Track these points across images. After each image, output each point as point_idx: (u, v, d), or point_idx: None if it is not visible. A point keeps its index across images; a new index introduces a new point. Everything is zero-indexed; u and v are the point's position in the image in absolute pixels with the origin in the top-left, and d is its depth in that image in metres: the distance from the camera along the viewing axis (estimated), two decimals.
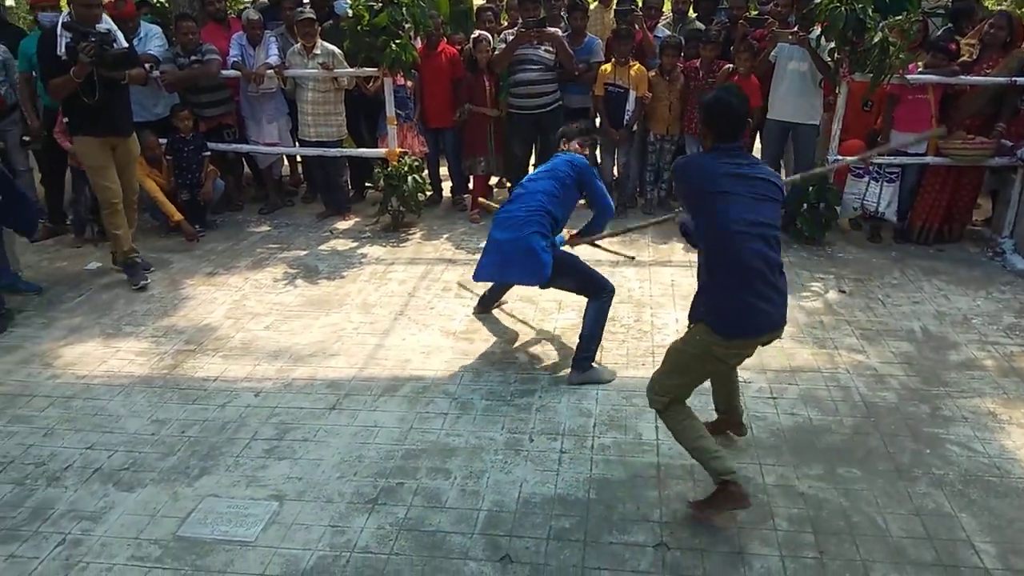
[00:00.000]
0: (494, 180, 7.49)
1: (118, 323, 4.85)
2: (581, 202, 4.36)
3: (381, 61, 6.04)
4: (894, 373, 4.13)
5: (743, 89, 6.01)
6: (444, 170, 7.39)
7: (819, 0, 5.57)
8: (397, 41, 5.95)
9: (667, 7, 7.83)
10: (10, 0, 10.37)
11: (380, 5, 5.88)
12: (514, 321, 4.79)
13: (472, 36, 6.65)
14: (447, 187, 7.41)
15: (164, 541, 2.95)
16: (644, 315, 4.83)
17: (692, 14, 7.41)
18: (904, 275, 5.51)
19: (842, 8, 5.39)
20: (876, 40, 5.42)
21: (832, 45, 5.68)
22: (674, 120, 6.58)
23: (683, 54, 6.56)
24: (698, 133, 6.30)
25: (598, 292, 4.08)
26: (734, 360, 3.01)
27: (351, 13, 6.11)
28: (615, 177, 7.06)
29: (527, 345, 4.49)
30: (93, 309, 5.06)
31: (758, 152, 6.57)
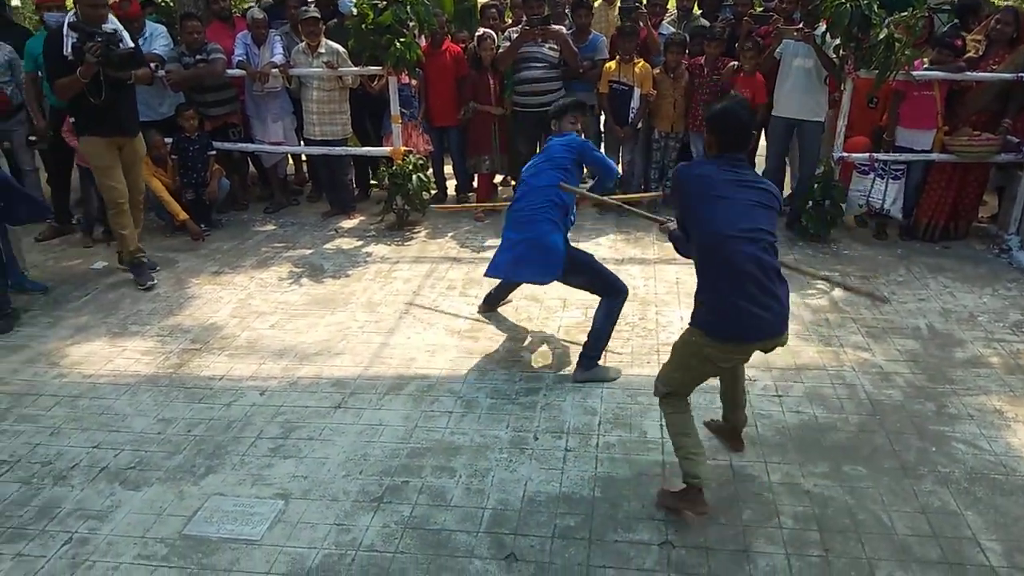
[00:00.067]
0: (499, 178, 7.49)
1: (124, 322, 4.87)
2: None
3: (385, 60, 6.05)
4: (900, 371, 4.12)
5: (748, 86, 6.13)
6: (449, 168, 7.40)
7: None
8: (401, 39, 5.95)
9: (672, 4, 7.82)
10: (16, 0, 10.39)
11: (384, 3, 5.90)
12: (519, 319, 4.79)
13: (476, 34, 6.65)
14: (452, 186, 7.42)
15: (170, 540, 2.96)
16: (649, 313, 4.82)
17: (697, 11, 7.39)
18: (910, 272, 5.49)
19: (847, 4, 5.37)
20: (881, 36, 5.40)
21: (837, 42, 5.66)
22: (679, 117, 6.57)
23: (688, 51, 6.55)
24: (703, 131, 6.32)
25: (611, 293, 4.07)
26: (729, 363, 3.00)
27: (355, 11, 6.13)
28: (620, 175, 7.05)
29: (532, 343, 4.49)
30: (99, 308, 5.08)
31: (763, 148, 6.57)
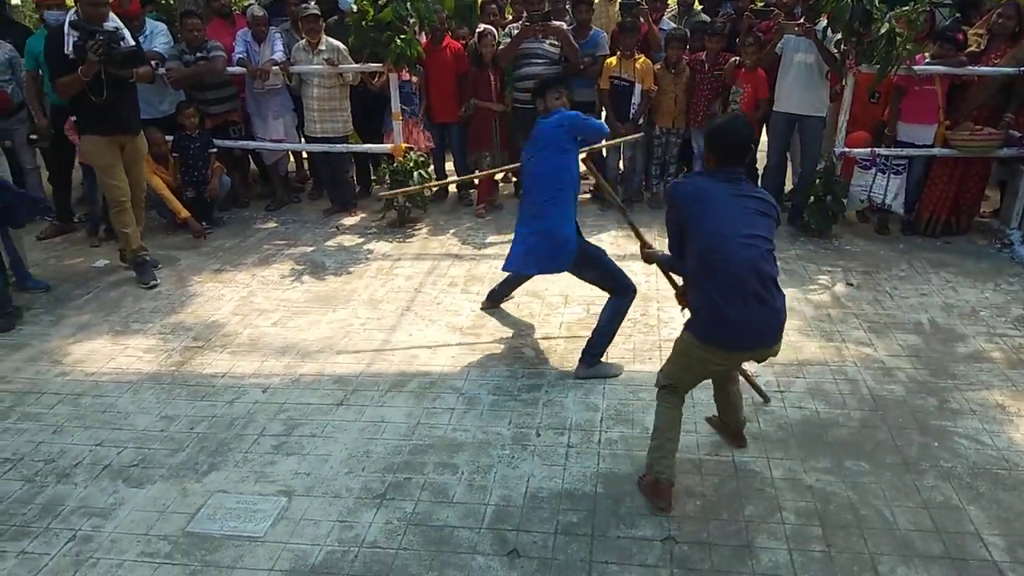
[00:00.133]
0: (499, 175, 7.48)
1: (126, 320, 4.87)
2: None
3: (386, 56, 6.04)
4: (902, 366, 4.11)
5: (750, 81, 6.12)
6: (450, 165, 7.40)
7: None
8: (402, 36, 5.95)
9: (672, 0, 7.80)
10: None
11: (385, 0, 5.88)
12: (521, 316, 4.79)
13: (477, 31, 6.64)
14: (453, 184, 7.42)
15: (173, 537, 2.97)
16: (651, 309, 4.82)
17: (697, 6, 7.39)
18: (912, 267, 5.49)
19: None
20: (883, 31, 5.39)
21: (838, 36, 5.66)
22: (680, 113, 6.56)
23: (689, 47, 6.54)
24: (703, 127, 6.32)
25: (620, 291, 4.07)
26: (717, 367, 2.99)
27: (356, 8, 6.12)
28: (621, 171, 7.06)
29: (534, 340, 4.49)
30: (101, 306, 5.08)
31: (765, 144, 6.56)
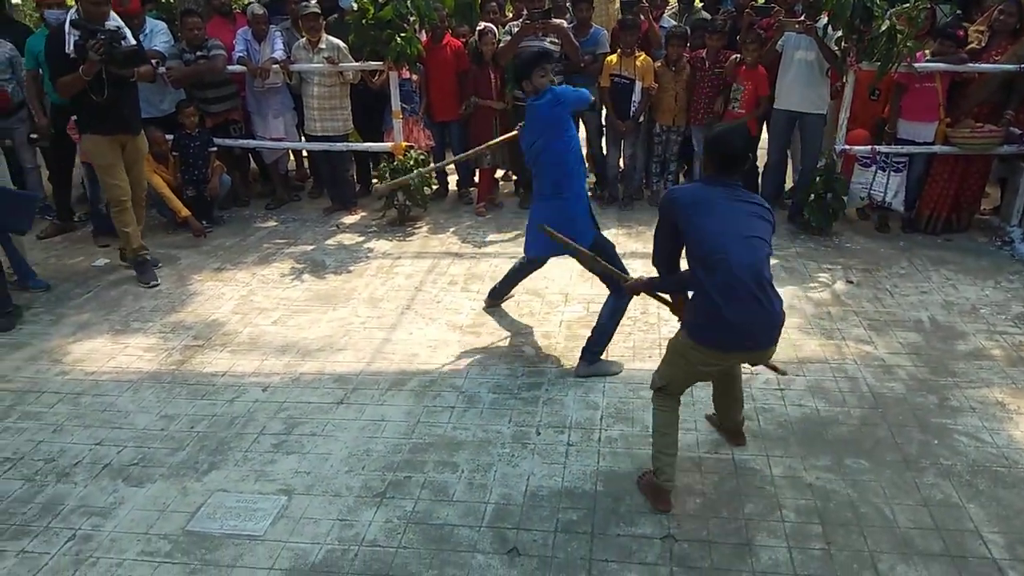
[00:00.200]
0: (500, 173, 7.48)
1: (126, 319, 4.87)
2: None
3: (386, 55, 6.03)
4: (902, 363, 4.11)
5: (751, 78, 6.12)
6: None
7: None
8: (402, 34, 5.94)
9: None
10: None
11: None
12: (520, 314, 4.79)
13: (477, 28, 6.64)
14: (453, 181, 7.42)
15: (173, 536, 2.97)
16: (651, 308, 4.81)
17: (698, 4, 7.39)
18: (912, 265, 5.48)
19: None
20: (883, 28, 5.38)
21: (839, 34, 5.65)
22: (680, 111, 6.55)
23: (689, 44, 6.53)
24: (704, 124, 6.31)
25: (620, 289, 4.06)
26: (709, 368, 2.98)
27: (356, 7, 6.11)
28: (621, 169, 7.05)
29: (534, 338, 4.49)
30: (101, 306, 5.08)
31: (765, 142, 6.55)
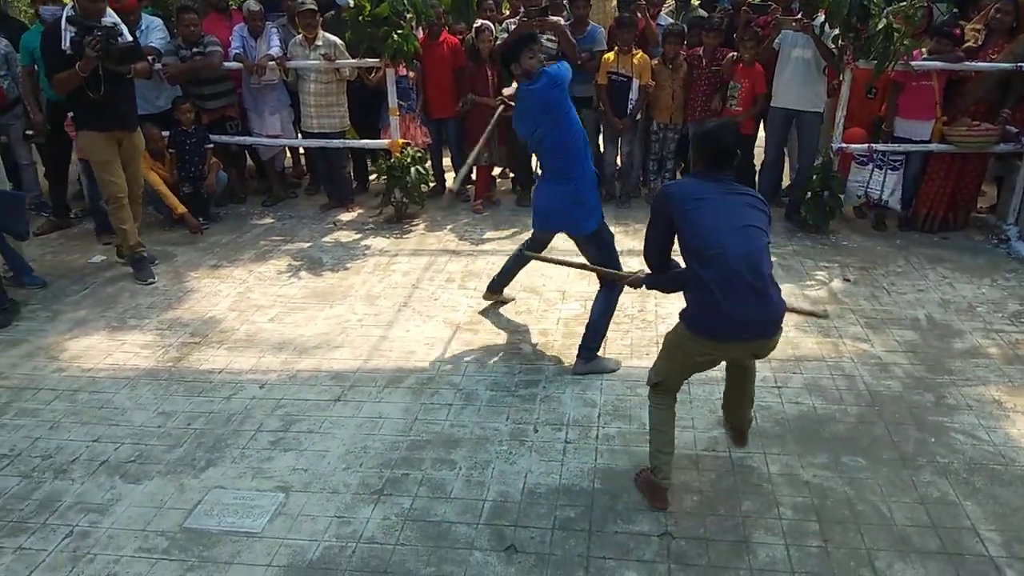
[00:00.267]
0: (497, 171, 7.48)
1: (123, 316, 4.86)
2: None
3: (383, 52, 6.02)
4: (898, 361, 4.12)
5: (747, 76, 6.12)
6: (447, 161, 7.39)
7: None
8: (399, 31, 5.93)
9: None
10: None
11: None
12: (518, 312, 4.79)
13: (474, 26, 6.62)
14: (450, 178, 7.40)
15: (171, 533, 2.97)
16: (648, 305, 4.82)
17: (695, 1, 7.38)
18: (909, 263, 5.50)
19: None
20: (880, 27, 5.38)
21: (836, 32, 5.65)
22: (677, 109, 6.55)
23: (686, 42, 6.53)
24: (699, 119, 6.31)
25: (612, 282, 4.07)
26: (705, 358, 2.97)
27: (353, 3, 6.09)
28: (618, 167, 7.05)
29: (531, 336, 4.49)
30: (98, 302, 5.07)
31: (762, 140, 6.56)
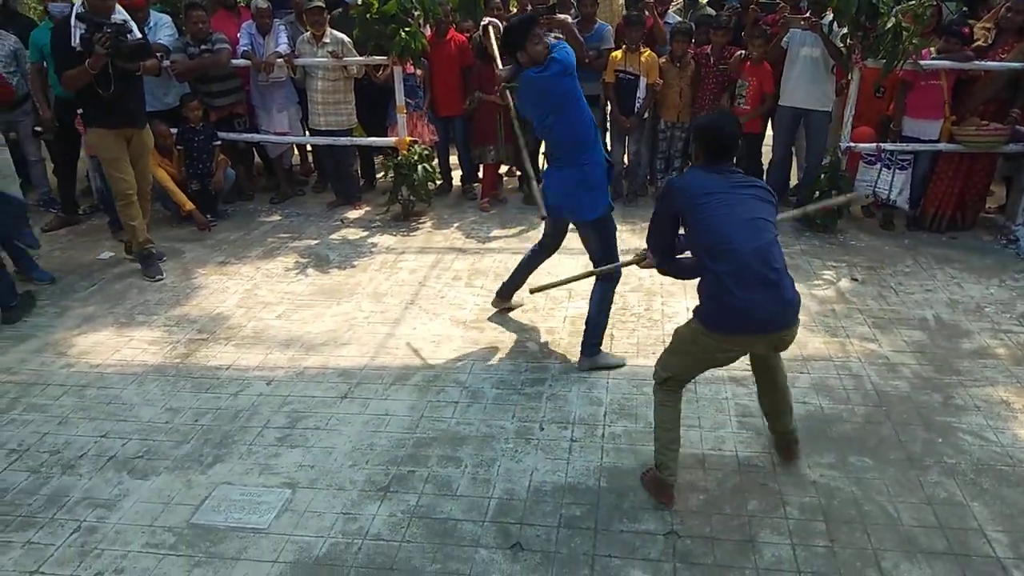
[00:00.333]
0: (504, 169, 7.47)
1: (131, 312, 4.88)
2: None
3: (390, 49, 6.02)
4: (906, 362, 4.11)
5: (756, 74, 6.11)
6: (454, 159, 7.39)
7: None
8: (406, 29, 5.93)
9: None
10: None
11: None
12: (524, 310, 4.79)
13: (481, 23, 6.61)
14: (457, 176, 7.41)
15: (178, 528, 2.98)
16: (655, 304, 4.82)
17: (703, 0, 7.35)
18: (917, 263, 5.48)
19: None
20: (889, 25, 5.36)
21: (844, 31, 5.63)
22: (684, 107, 6.54)
23: (694, 40, 6.52)
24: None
25: (610, 275, 4.09)
26: (726, 355, 2.97)
27: (360, 1, 6.10)
28: (625, 165, 7.04)
29: (538, 334, 4.49)
30: (106, 298, 5.09)
31: (770, 138, 6.54)
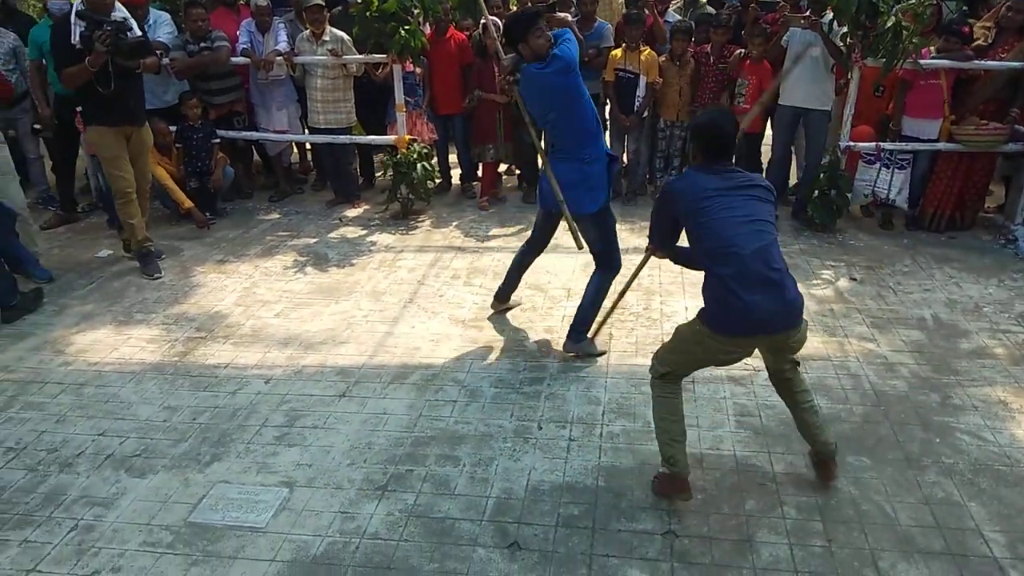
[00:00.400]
0: (503, 167, 7.47)
1: (129, 310, 4.88)
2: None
3: (390, 47, 6.02)
4: (904, 361, 4.11)
5: (755, 72, 6.10)
6: (453, 157, 7.39)
7: None
8: (406, 27, 5.93)
9: None
10: None
11: None
12: (523, 309, 4.79)
13: (481, 22, 6.61)
14: (456, 174, 7.41)
15: (175, 527, 2.98)
16: (654, 303, 4.82)
17: None
18: (915, 263, 5.47)
19: None
20: (889, 24, 5.35)
21: (844, 30, 5.63)
22: (684, 106, 6.54)
23: (694, 39, 6.52)
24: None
25: (607, 264, 4.14)
26: (729, 356, 2.97)
27: None
28: (625, 164, 7.04)
29: (536, 333, 4.48)
30: (104, 296, 5.09)
31: (769, 138, 6.54)
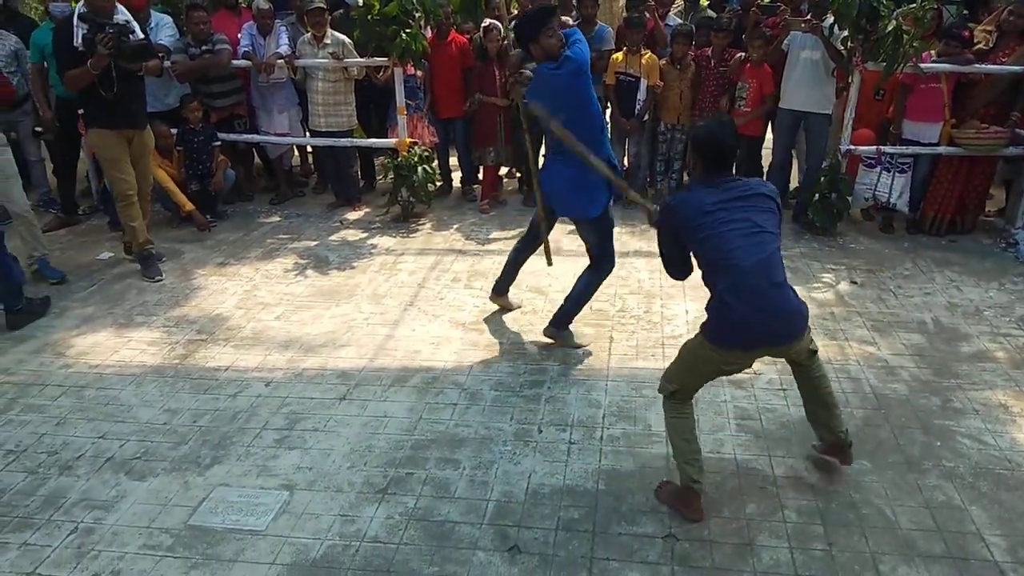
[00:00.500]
0: (504, 170, 7.47)
1: (130, 313, 4.88)
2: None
3: (391, 51, 6.03)
4: (905, 365, 4.10)
5: (756, 76, 6.11)
6: (454, 160, 7.39)
7: None
8: (407, 30, 5.93)
9: None
10: None
11: None
12: (523, 312, 4.78)
13: (482, 25, 6.62)
14: (457, 177, 7.41)
15: (175, 530, 2.98)
16: (654, 306, 4.82)
17: (703, 2, 7.38)
18: (916, 266, 5.47)
19: None
20: (889, 28, 5.35)
21: (845, 33, 5.63)
22: (685, 109, 6.54)
23: (694, 42, 6.52)
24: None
25: (602, 263, 4.17)
26: (732, 367, 2.96)
27: (361, 2, 6.11)
28: (625, 167, 7.04)
29: (536, 336, 4.47)
30: (105, 299, 5.09)
31: (770, 141, 6.54)
